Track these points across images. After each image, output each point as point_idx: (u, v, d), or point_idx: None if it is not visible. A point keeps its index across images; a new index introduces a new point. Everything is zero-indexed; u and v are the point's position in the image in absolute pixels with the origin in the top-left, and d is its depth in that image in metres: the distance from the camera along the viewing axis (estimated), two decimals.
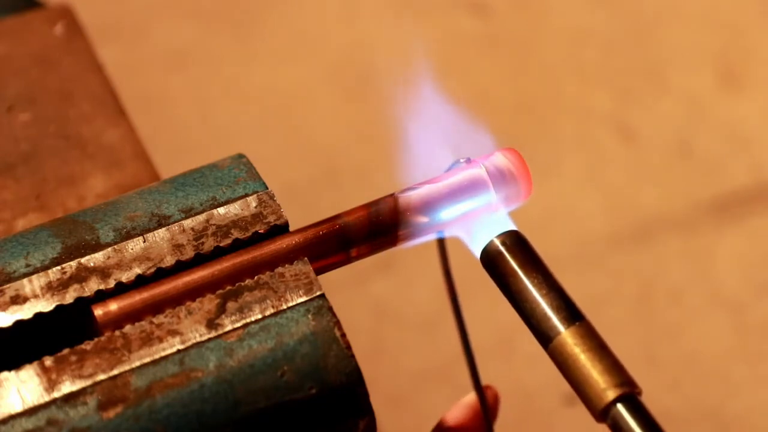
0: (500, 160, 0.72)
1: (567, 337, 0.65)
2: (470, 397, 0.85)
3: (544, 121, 2.15)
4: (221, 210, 0.69)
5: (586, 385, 0.64)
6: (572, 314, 0.66)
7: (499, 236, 0.69)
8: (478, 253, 0.70)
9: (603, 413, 0.63)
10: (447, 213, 0.70)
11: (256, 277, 0.66)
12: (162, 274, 0.66)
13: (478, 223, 0.71)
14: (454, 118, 0.74)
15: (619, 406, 0.63)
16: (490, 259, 0.69)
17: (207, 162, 0.72)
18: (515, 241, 0.69)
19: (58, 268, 0.66)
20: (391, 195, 0.70)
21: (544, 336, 0.66)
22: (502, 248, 0.69)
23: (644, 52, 2.25)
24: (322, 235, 0.68)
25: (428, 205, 0.70)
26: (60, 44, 1.01)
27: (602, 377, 0.64)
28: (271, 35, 2.28)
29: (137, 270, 0.66)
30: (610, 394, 0.63)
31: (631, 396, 0.63)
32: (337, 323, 0.64)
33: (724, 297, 1.93)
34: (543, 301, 0.67)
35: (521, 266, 0.68)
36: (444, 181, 0.71)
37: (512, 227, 0.70)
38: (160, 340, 0.63)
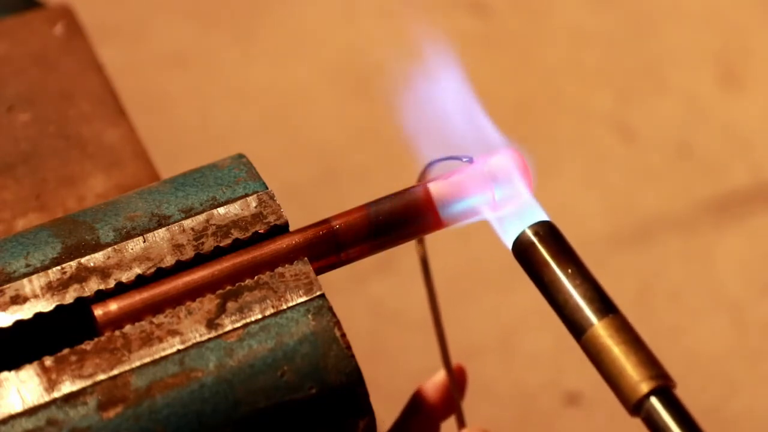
0: (501, 159, 0.72)
1: (600, 329, 0.64)
2: (440, 376, 0.85)
3: (544, 121, 2.15)
4: (221, 210, 0.69)
5: (619, 378, 0.63)
6: (606, 306, 0.65)
7: (531, 226, 0.68)
8: (509, 243, 0.69)
9: (636, 406, 0.62)
10: (447, 211, 0.70)
11: (256, 277, 0.66)
12: (162, 274, 0.66)
13: (509, 213, 0.70)
14: (466, 113, 0.74)
15: (653, 400, 0.62)
16: (522, 249, 0.68)
17: (207, 162, 0.72)
18: (548, 231, 0.68)
19: (58, 268, 0.66)
20: (391, 195, 0.70)
21: (577, 327, 0.65)
22: (534, 239, 0.68)
23: (644, 52, 2.26)
24: (322, 235, 0.68)
25: (427, 205, 0.70)
26: (60, 44, 1.01)
27: (636, 370, 0.62)
28: (271, 35, 2.28)
29: (137, 270, 0.66)
30: (644, 387, 0.62)
31: (665, 389, 0.62)
32: (337, 323, 0.64)
33: (724, 297, 1.93)
34: (576, 292, 0.66)
35: (554, 257, 0.67)
36: (446, 180, 0.71)
37: (545, 217, 0.69)
38: (160, 340, 0.63)
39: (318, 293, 0.65)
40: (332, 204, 0.91)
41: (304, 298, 0.65)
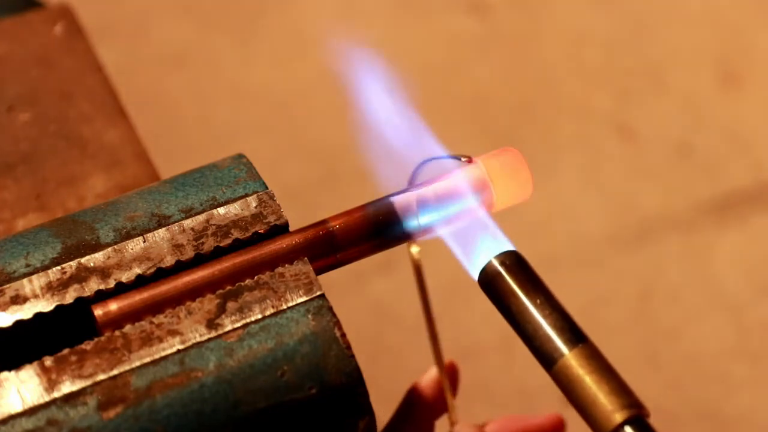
0: (499, 160, 0.72)
1: (571, 359, 0.64)
2: (432, 374, 0.86)
3: (544, 121, 2.15)
4: (221, 210, 0.69)
5: (592, 408, 0.62)
6: (576, 335, 0.64)
7: (497, 256, 0.68)
8: (475, 275, 0.69)
9: None
10: (447, 211, 0.70)
11: (256, 277, 0.66)
12: (162, 274, 0.66)
13: (475, 244, 0.70)
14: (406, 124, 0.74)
15: (627, 429, 0.61)
16: (489, 279, 0.68)
17: (207, 162, 0.72)
18: (515, 261, 0.68)
19: (58, 268, 0.66)
20: (391, 195, 0.71)
21: (547, 358, 0.64)
22: (501, 269, 0.67)
23: (644, 52, 2.26)
24: (322, 235, 0.68)
25: (427, 204, 0.70)
26: (60, 44, 1.01)
27: (609, 399, 0.62)
28: (271, 35, 2.28)
29: (137, 270, 0.66)
30: (618, 417, 0.61)
31: (639, 418, 0.61)
32: (337, 323, 0.64)
33: (724, 297, 1.93)
34: (545, 322, 0.65)
35: (521, 287, 0.67)
36: (443, 181, 0.71)
37: (511, 247, 0.69)
38: (160, 340, 0.63)
39: (318, 293, 0.65)
40: (332, 204, 0.91)
41: (304, 298, 0.65)
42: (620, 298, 1.92)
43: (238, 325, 0.64)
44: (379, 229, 0.69)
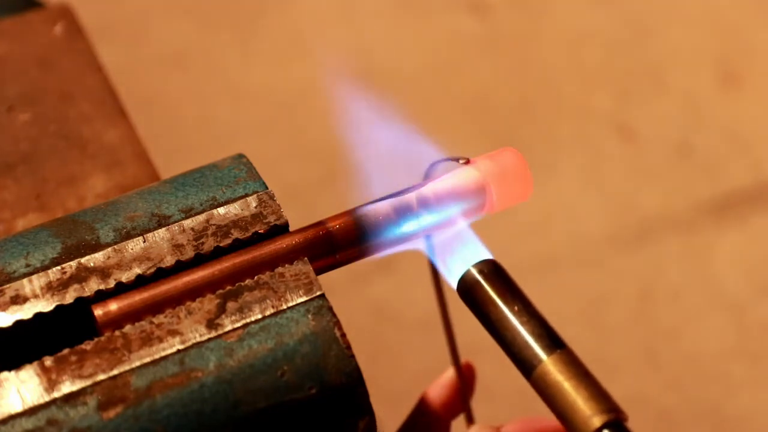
0: (499, 160, 0.72)
1: (549, 365, 0.64)
2: (448, 375, 0.86)
3: (544, 122, 2.15)
4: (221, 210, 0.69)
5: (571, 413, 0.63)
6: (554, 341, 0.65)
7: (475, 265, 0.68)
8: (454, 284, 0.70)
9: None
10: (447, 212, 0.70)
11: (256, 277, 0.66)
12: (162, 274, 0.66)
13: (454, 253, 0.70)
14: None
15: None
16: (467, 288, 0.68)
17: (207, 162, 0.72)
18: (493, 269, 0.68)
19: (58, 268, 0.66)
20: (391, 195, 0.71)
21: (526, 365, 0.66)
22: (479, 277, 0.68)
23: (644, 52, 2.26)
24: (322, 235, 0.68)
25: (427, 205, 0.70)
26: (60, 44, 1.01)
27: (587, 404, 0.63)
28: (271, 35, 2.28)
29: (137, 270, 0.66)
30: (596, 421, 0.62)
31: (617, 422, 0.62)
32: (337, 323, 0.64)
33: (724, 297, 1.93)
34: (523, 329, 0.66)
35: (500, 294, 0.67)
36: (442, 181, 0.71)
37: (488, 256, 0.69)
38: (160, 340, 0.63)
39: (318, 293, 0.65)
40: (333, 204, 0.91)
41: (304, 298, 0.65)
42: (620, 298, 1.92)
43: (238, 325, 0.64)
44: (379, 229, 0.69)
